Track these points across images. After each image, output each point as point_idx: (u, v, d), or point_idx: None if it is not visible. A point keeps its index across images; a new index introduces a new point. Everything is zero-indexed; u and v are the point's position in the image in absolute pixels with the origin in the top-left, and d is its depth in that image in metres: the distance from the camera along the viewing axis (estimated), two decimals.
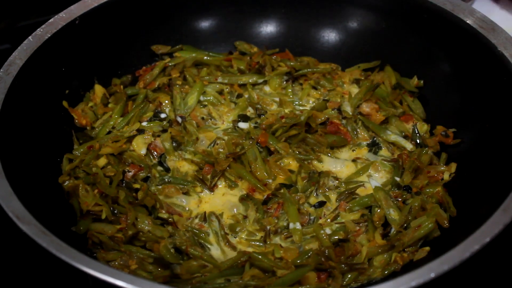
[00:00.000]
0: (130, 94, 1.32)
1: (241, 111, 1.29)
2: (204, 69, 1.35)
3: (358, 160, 1.21)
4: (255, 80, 1.34)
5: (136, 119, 1.24)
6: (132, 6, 1.33)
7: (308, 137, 1.22)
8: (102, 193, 1.10)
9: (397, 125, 1.26)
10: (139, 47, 1.38)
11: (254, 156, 1.18)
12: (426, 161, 1.18)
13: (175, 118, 1.26)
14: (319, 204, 1.13)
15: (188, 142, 1.23)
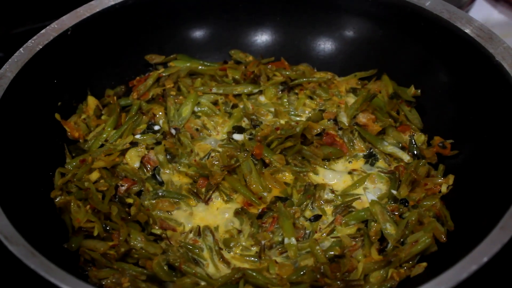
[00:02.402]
0: (124, 105, 1.30)
1: (236, 122, 1.27)
2: (199, 80, 1.33)
3: (354, 172, 1.20)
4: (250, 90, 1.32)
5: (129, 131, 1.22)
6: (125, 15, 1.32)
7: (304, 149, 1.21)
8: (94, 208, 1.08)
9: (394, 135, 1.24)
10: (132, 57, 1.36)
11: (249, 168, 1.17)
12: (423, 173, 1.16)
13: (169, 130, 1.25)
14: (314, 218, 1.12)
15: (183, 154, 1.22)
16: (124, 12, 1.31)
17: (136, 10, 1.33)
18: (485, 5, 1.72)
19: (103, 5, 1.29)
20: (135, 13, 1.33)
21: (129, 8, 1.32)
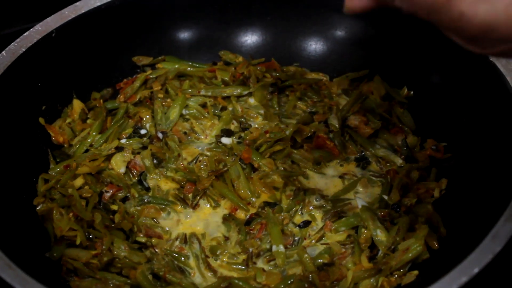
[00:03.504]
0: (110, 108, 1.28)
1: (225, 124, 1.25)
2: (187, 82, 1.30)
3: (345, 176, 1.17)
4: (240, 92, 1.29)
5: (115, 136, 1.20)
6: (112, 16, 1.28)
7: (294, 153, 1.18)
8: (77, 216, 1.05)
9: (386, 138, 1.21)
10: (119, 58, 1.34)
11: (237, 173, 1.14)
12: (415, 177, 1.13)
13: (156, 134, 1.22)
14: (304, 224, 1.09)
15: (170, 159, 1.19)
16: (110, 13, 1.28)
17: (122, 11, 1.29)
18: None
19: (89, 6, 1.26)
20: (121, 14, 1.30)
21: (116, 9, 1.28)
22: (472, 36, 0.53)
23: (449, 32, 0.57)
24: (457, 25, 0.53)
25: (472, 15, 0.51)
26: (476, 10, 0.51)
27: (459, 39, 0.57)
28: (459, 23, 0.52)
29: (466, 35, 0.53)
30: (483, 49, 0.57)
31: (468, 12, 0.51)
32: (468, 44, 0.57)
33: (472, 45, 0.56)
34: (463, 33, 0.53)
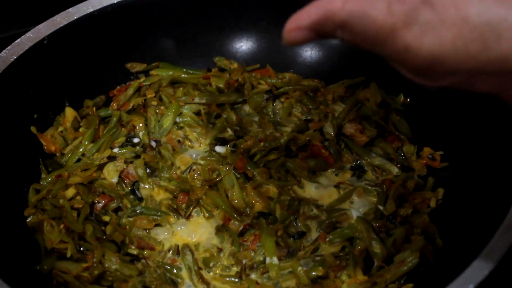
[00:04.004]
0: (103, 116, 1.26)
1: (219, 132, 1.23)
2: (180, 89, 1.29)
3: (341, 185, 1.15)
4: (234, 100, 1.27)
5: (107, 145, 1.18)
6: (104, 23, 1.27)
7: (288, 162, 1.16)
8: (68, 228, 1.04)
9: (383, 146, 1.20)
10: (113, 65, 1.32)
11: (231, 183, 1.13)
12: (412, 187, 1.12)
13: (149, 143, 1.21)
14: (298, 235, 1.08)
15: (163, 168, 1.18)
16: (103, 19, 1.26)
17: (115, 17, 1.28)
18: None
19: (81, 13, 1.24)
20: (114, 20, 1.28)
21: (109, 15, 1.27)
22: (419, 69, 0.51)
23: (395, 64, 0.55)
24: (402, 58, 0.51)
25: (418, 48, 0.49)
26: (422, 42, 0.49)
27: (407, 71, 0.55)
28: (404, 56, 0.50)
29: (413, 67, 0.51)
30: (433, 82, 0.55)
31: (414, 44, 0.49)
32: (416, 76, 0.55)
33: (421, 77, 0.54)
34: (409, 65, 0.51)
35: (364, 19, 0.52)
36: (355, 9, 0.53)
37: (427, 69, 0.51)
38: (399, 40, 0.51)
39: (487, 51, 0.48)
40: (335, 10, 0.53)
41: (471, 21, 0.48)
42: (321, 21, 0.54)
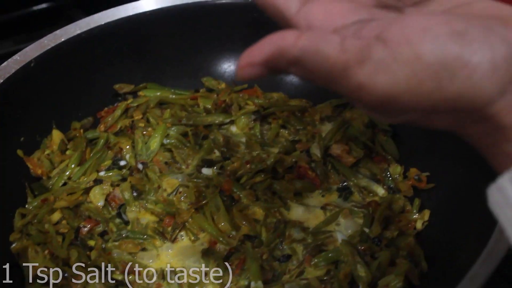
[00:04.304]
0: (91, 138, 1.26)
1: (206, 154, 1.23)
2: (168, 111, 1.29)
3: (327, 207, 1.15)
4: (221, 121, 1.28)
5: (94, 168, 1.18)
6: (93, 44, 1.27)
7: (275, 184, 1.16)
8: (53, 253, 1.04)
9: (369, 167, 1.19)
10: (101, 86, 1.32)
11: (217, 206, 1.12)
12: (397, 209, 1.12)
13: (136, 165, 1.21)
14: (284, 258, 1.07)
15: (150, 190, 1.18)
16: (91, 40, 1.27)
17: (103, 39, 1.28)
18: None
19: (69, 34, 1.25)
20: (102, 42, 1.29)
21: (96, 37, 1.27)
22: (374, 106, 0.50)
23: (351, 100, 0.54)
24: (356, 96, 0.50)
25: (372, 86, 0.48)
26: (375, 81, 0.48)
27: (362, 107, 0.54)
28: (358, 94, 0.49)
29: (367, 105, 0.50)
30: (389, 118, 0.54)
31: (367, 83, 0.48)
32: (372, 113, 0.55)
33: (377, 114, 0.53)
34: (364, 103, 0.50)
35: (317, 56, 0.51)
36: (307, 46, 0.51)
37: (381, 107, 0.50)
38: (352, 78, 0.49)
39: (441, 90, 0.48)
40: (287, 46, 0.52)
41: (424, 60, 0.47)
42: (274, 57, 0.52)
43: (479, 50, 0.48)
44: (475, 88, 0.48)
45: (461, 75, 0.48)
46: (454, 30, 0.49)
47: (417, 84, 0.48)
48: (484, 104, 0.49)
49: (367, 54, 0.50)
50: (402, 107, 0.50)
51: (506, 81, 0.49)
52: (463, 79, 0.48)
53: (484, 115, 0.50)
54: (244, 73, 0.56)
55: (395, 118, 0.55)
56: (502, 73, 0.48)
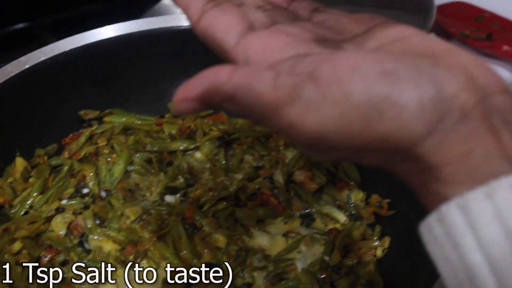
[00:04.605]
0: (55, 165, 1.26)
1: (171, 181, 1.23)
2: (132, 137, 1.29)
3: (289, 234, 1.15)
4: (186, 147, 1.28)
5: (56, 196, 1.18)
6: (57, 70, 1.27)
7: (237, 211, 1.16)
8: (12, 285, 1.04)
9: (332, 193, 1.20)
10: (66, 113, 1.32)
11: (179, 234, 1.12)
12: (358, 236, 1.12)
13: (99, 193, 1.20)
14: (245, 287, 1.07)
15: (113, 218, 1.17)
16: (56, 67, 1.27)
17: (68, 65, 1.28)
18: None
19: (33, 61, 1.25)
20: (68, 68, 1.28)
21: (61, 63, 1.27)
22: (305, 145, 0.50)
23: (284, 138, 0.54)
24: (288, 134, 0.50)
25: (302, 126, 0.48)
26: (305, 120, 0.48)
27: (296, 145, 0.55)
28: (289, 133, 0.49)
29: (298, 143, 0.50)
30: (322, 155, 0.54)
31: (297, 122, 0.48)
32: (305, 150, 0.55)
33: (310, 151, 0.54)
34: (295, 141, 0.50)
35: (250, 93, 0.51)
36: (241, 82, 0.51)
37: (312, 146, 0.50)
38: (283, 117, 0.50)
39: (370, 131, 0.48)
40: (221, 82, 0.52)
41: (353, 100, 0.48)
42: (208, 93, 0.52)
43: (406, 90, 0.48)
44: (403, 128, 0.49)
45: (389, 115, 0.48)
46: (384, 70, 0.49)
47: (346, 124, 0.49)
48: (412, 144, 0.50)
49: (298, 93, 0.50)
50: (332, 146, 0.50)
51: (433, 121, 0.49)
52: (391, 119, 0.48)
53: (412, 154, 0.50)
54: (179, 108, 0.56)
55: (327, 156, 0.55)
56: (429, 113, 0.48)
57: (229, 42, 0.61)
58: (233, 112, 0.56)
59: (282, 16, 0.70)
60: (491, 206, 0.46)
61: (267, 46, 0.58)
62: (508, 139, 0.49)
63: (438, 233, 0.50)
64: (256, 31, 0.61)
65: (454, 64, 0.52)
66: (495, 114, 0.50)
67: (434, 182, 0.51)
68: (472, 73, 0.51)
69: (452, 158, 0.49)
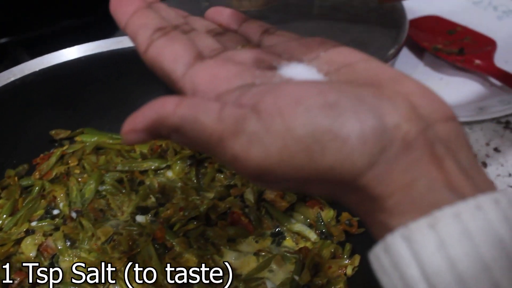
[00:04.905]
0: (25, 185, 1.26)
1: (142, 200, 1.23)
2: (103, 157, 1.29)
3: (260, 253, 1.15)
4: (157, 166, 1.28)
5: (25, 218, 1.18)
6: (27, 91, 1.27)
7: (208, 230, 1.17)
8: None
9: (302, 211, 1.20)
10: (36, 132, 1.31)
11: (150, 254, 1.12)
12: (328, 255, 1.12)
13: (70, 214, 1.20)
14: None
15: (83, 239, 1.17)
16: (25, 87, 1.26)
17: (38, 85, 1.28)
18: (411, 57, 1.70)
19: (2, 82, 1.24)
20: (37, 88, 1.28)
21: (31, 83, 1.27)
22: (251, 177, 0.51)
23: (231, 169, 0.55)
24: (233, 166, 0.50)
25: (246, 158, 0.49)
26: (249, 153, 0.48)
27: (242, 176, 0.55)
28: (234, 165, 0.50)
29: (245, 175, 0.50)
30: (269, 186, 0.55)
31: (241, 155, 0.49)
32: (252, 181, 0.55)
33: (256, 182, 0.54)
34: (241, 173, 0.50)
35: (195, 125, 0.51)
36: (186, 114, 0.52)
37: (257, 178, 0.50)
38: (228, 150, 0.50)
39: (313, 163, 0.48)
40: (167, 114, 0.52)
41: (296, 133, 0.48)
42: (154, 125, 0.53)
43: (348, 122, 0.48)
44: (345, 161, 0.49)
45: (332, 148, 0.48)
46: (326, 102, 0.49)
47: (289, 157, 0.49)
48: (355, 176, 0.50)
49: (242, 125, 0.50)
50: (277, 178, 0.51)
51: (375, 152, 0.49)
52: (334, 152, 0.48)
53: (356, 186, 0.51)
54: (128, 139, 0.56)
55: (273, 187, 0.56)
56: (371, 145, 0.49)
57: (177, 72, 0.61)
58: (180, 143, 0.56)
59: (232, 40, 0.70)
60: (435, 237, 0.46)
61: (214, 76, 0.59)
62: (451, 168, 0.50)
63: (385, 263, 0.50)
64: (203, 60, 0.61)
65: (397, 93, 0.52)
66: (438, 143, 0.50)
67: (380, 213, 0.51)
68: (415, 102, 0.52)
69: (395, 188, 0.50)
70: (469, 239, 0.46)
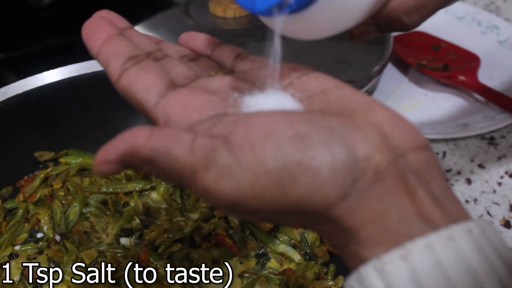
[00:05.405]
0: (10, 208, 1.25)
1: (126, 222, 1.23)
2: (87, 179, 1.28)
3: (245, 274, 1.15)
4: (142, 187, 1.28)
5: (9, 242, 1.17)
6: (10, 114, 1.27)
7: (192, 252, 1.17)
8: None
9: (287, 232, 1.20)
10: (20, 155, 1.31)
11: (133, 277, 1.12)
12: (312, 276, 1.12)
13: (54, 237, 1.20)
14: None
15: (68, 262, 1.17)
16: (8, 110, 1.26)
17: (21, 107, 1.28)
18: (396, 73, 1.71)
19: None
20: (20, 110, 1.28)
21: (14, 106, 1.27)
22: (223, 208, 0.51)
23: (204, 201, 0.55)
24: (205, 198, 0.51)
25: (217, 191, 0.49)
26: (220, 185, 0.49)
27: (215, 207, 0.56)
28: (206, 197, 0.50)
29: (218, 206, 0.51)
30: (242, 217, 0.55)
31: (213, 187, 0.49)
32: (225, 212, 0.56)
33: (229, 214, 0.54)
34: (214, 204, 0.51)
35: (167, 157, 0.51)
36: (158, 146, 0.52)
37: (230, 209, 0.51)
38: (199, 182, 0.50)
39: (284, 196, 0.48)
40: (139, 145, 0.52)
41: (266, 166, 0.48)
42: (126, 156, 0.52)
43: (319, 154, 0.49)
44: (317, 193, 0.49)
45: (302, 180, 0.48)
46: (296, 134, 0.49)
47: (260, 190, 0.49)
48: (327, 208, 0.50)
49: (213, 157, 0.50)
50: (249, 210, 0.51)
51: (346, 184, 0.49)
52: (304, 184, 0.49)
53: (328, 217, 0.51)
54: (101, 170, 0.55)
55: (246, 218, 0.56)
56: (342, 177, 0.49)
57: (149, 102, 0.61)
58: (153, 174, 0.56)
59: (205, 66, 0.70)
60: (407, 268, 0.47)
61: (187, 106, 0.59)
62: (424, 198, 0.50)
63: None
64: (176, 89, 0.61)
65: (369, 123, 0.52)
66: (410, 173, 0.51)
67: (353, 243, 0.51)
68: (387, 131, 0.52)
69: (367, 220, 0.50)
70: (441, 270, 0.46)
